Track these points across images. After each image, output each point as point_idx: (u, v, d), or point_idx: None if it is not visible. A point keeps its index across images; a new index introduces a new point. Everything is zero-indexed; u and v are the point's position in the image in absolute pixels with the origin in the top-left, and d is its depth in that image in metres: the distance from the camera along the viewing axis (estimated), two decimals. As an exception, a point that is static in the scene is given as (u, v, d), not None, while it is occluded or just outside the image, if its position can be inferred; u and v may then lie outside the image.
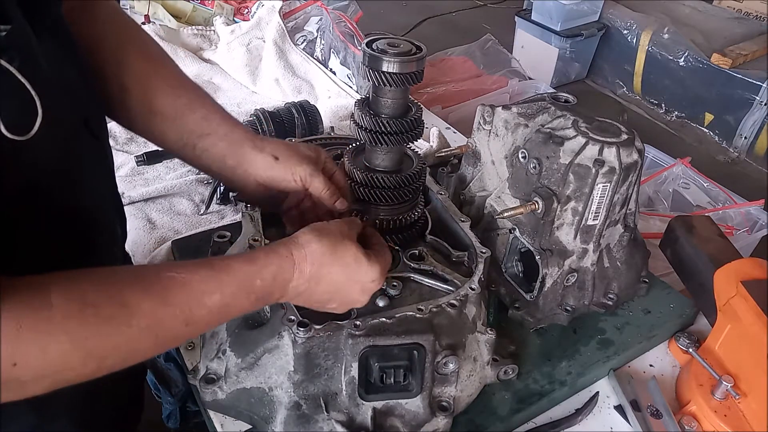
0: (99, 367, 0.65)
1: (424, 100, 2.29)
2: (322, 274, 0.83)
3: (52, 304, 0.61)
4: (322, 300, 0.86)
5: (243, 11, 2.35)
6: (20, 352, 0.58)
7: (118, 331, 0.65)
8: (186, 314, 0.70)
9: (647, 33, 4.26)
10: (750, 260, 1.15)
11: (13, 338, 0.58)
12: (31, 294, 0.61)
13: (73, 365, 0.63)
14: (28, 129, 0.63)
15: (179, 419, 1.72)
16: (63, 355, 0.61)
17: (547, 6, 4.35)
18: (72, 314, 0.62)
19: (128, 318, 0.66)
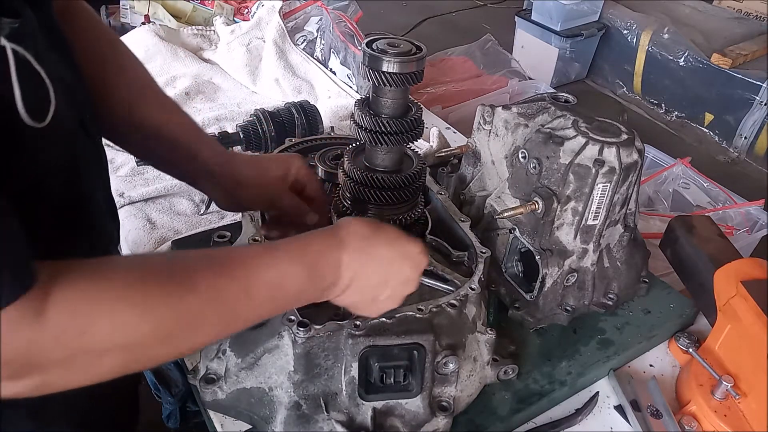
0: (168, 341, 0.65)
1: (424, 100, 2.29)
2: (369, 251, 0.81)
3: (114, 277, 0.62)
4: (376, 283, 0.83)
5: (243, 11, 2.35)
6: (88, 321, 0.59)
7: (182, 301, 0.65)
8: (245, 287, 0.70)
9: (647, 33, 4.26)
10: (750, 260, 1.15)
11: (79, 307, 0.59)
12: (93, 269, 0.62)
13: (143, 338, 0.63)
14: (43, 117, 0.64)
15: (179, 419, 1.72)
16: (131, 325, 0.61)
17: (547, 6, 4.35)
18: (135, 285, 0.63)
19: (191, 288, 0.66)
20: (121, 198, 1.46)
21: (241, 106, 1.90)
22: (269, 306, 0.76)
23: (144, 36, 2.07)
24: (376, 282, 0.83)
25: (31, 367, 0.58)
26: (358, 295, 0.83)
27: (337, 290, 0.81)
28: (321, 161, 1.25)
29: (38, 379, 0.59)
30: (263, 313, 0.76)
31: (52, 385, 0.61)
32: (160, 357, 0.68)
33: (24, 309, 0.55)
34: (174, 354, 0.68)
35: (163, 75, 2.00)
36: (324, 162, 1.25)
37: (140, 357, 0.65)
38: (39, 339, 0.57)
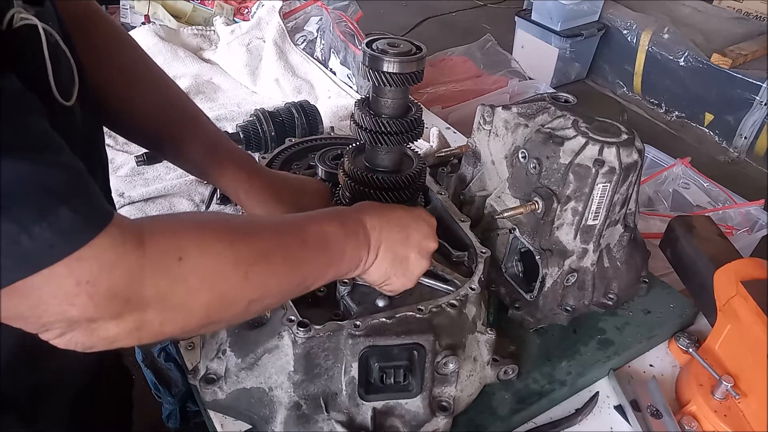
0: (248, 277, 0.68)
1: (424, 100, 2.29)
2: (385, 213, 0.90)
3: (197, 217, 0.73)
4: (401, 240, 0.88)
5: (243, 11, 2.35)
6: (182, 247, 0.62)
7: (254, 238, 0.71)
8: (298, 234, 0.77)
9: (647, 33, 4.26)
10: (750, 260, 1.15)
11: (173, 234, 0.63)
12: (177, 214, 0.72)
13: (227, 268, 0.66)
14: (69, 95, 0.69)
15: (179, 419, 1.72)
16: (217, 255, 0.65)
17: (547, 6, 4.34)
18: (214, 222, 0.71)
19: (258, 230, 0.74)
20: (121, 198, 1.46)
21: (241, 106, 1.90)
22: (322, 256, 0.80)
23: (144, 36, 2.07)
24: (400, 239, 0.88)
25: (133, 303, 0.59)
26: (389, 254, 0.87)
27: (372, 251, 0.86)
28: (321, 161, 1.25)
29: (138, 317, 0.60)
30: (320, 263, 0.80)
31: (148, 326, 0.62)
32: (240, 298, 0.69)
33: (120, 241, 0.58)
34: (250, 297, 0.70)
35: (163, 75, 2.00)
36: (324, 162, 1.25)
37: (225, 295, 0.67)
38: (140, 269, 0.59)
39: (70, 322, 0.58)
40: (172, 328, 0.65)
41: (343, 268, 0.84)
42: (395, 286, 0.92)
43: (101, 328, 0.59)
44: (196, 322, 0.66)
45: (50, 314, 0.56)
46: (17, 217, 0.52)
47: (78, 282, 0.55)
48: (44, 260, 0.54)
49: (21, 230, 0.52)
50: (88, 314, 0.57)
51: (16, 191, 0.52)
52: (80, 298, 0.56)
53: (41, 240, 0.53)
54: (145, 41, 2.05)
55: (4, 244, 0.52)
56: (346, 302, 0.98)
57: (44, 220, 0.53)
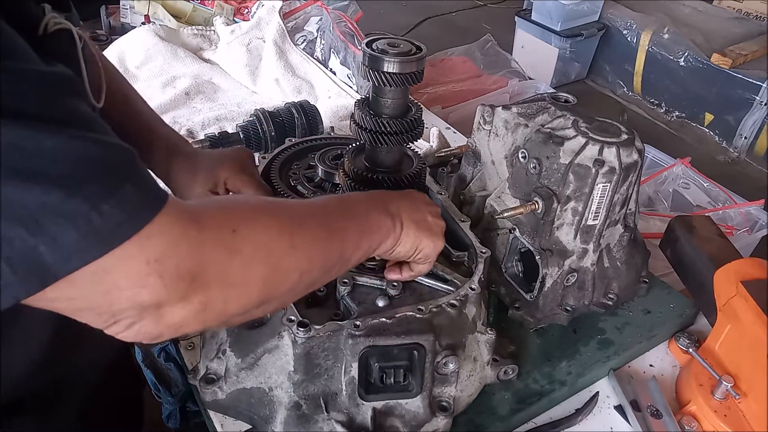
0: (294, 245, 0.69)
1: (424, 100, 2.29)
2: (388, 192, 0.94)
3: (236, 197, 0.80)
4: (413, 207, 0.91)
5: (243, 11, 2.35)
6: (233, 220, 0.64)
7: (293, 209, 0.75)
8: (331, 206, 0.81)
9: (647, 33, 4.26)
10: (750, 260, 1.15)
11: (222, 211, 0.65)
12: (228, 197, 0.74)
13: (275, 236, 0.68)
14: (100, 97, 0.72)
15: (179, 419, 1.71)
16: (264, 225, 0.67)
17: (547, 6, 4.34)
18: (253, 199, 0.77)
19: (292, 204, 0.78)
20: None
21: (241, 106, 1.90)
22: (356, 224, 0.82)
23: (144, 36, 2.07)
24: (411, 206, 0.91)
25: (198, 281, 0.59)
26: (412, 222, 0.89)
27: (397, 220, 0.87)
28: (321, 161, 1.25)
29: (203, 297, 0.61)
30: (354, 232, 0.81)
31: (212, 306, 0.62)
32: (292, 269, 0.70)
33: (181, 217, 0.58)
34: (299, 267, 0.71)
35: (163, 75, 2.00)
36: (324, 162, 1.25)
37: (277, 265, 0.68)
38: (202, 243, 0.60)
39: (141, 308, 0.57)
40: (235, 306, 0.65)
41: (375, 236, 0.84)
42: (428, 249, 0.92)
43: (169, 313, 0.59)
44: (256, 297, 0.67)
45: (122, 300, 0.56)
46: (87, 195, 0.52)
47: (148, 261, 0.55)
48: (116, 238, 0.53)
49: (91, 208, 0.52)
50: (159, 296, 0.57)
51: (83, 169, 0.52)
52: (151, 278, 0.56)
53: (111, 217, 0.53)
54: (145, 41, 2.05)
55: (78, 223, 0.51)
56: (346, 302, 0.98)
57: (112, 197, 0.53)
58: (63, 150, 0.52)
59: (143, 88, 1.96)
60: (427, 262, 0.94)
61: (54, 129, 0.52)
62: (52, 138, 0.51)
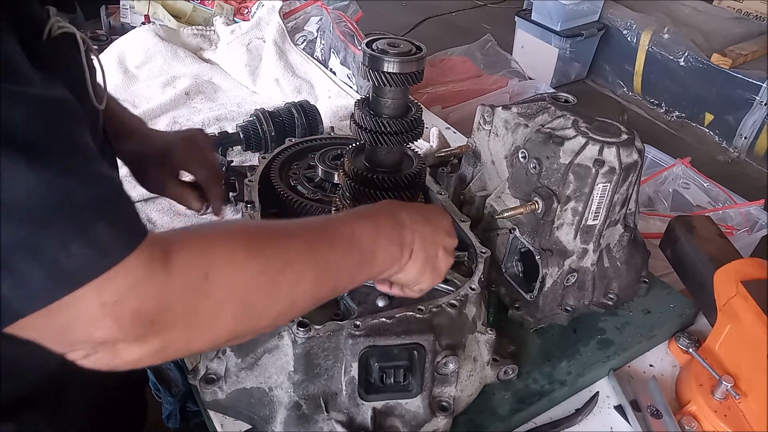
0: (275, 285, 0.67)
1: (424, 100, 2.29)
2: (410, 208, 0.87)
3: (224, 228, 0.69)
4: (431, 237, 0.86)
5: (243, 11, 2.35)
6: (208, 263, 0.61)
7: (281, 245, 0.69)
8: (329, 238, 0.75)
9: (647, 33, 4.26)
10: (750, 260, 1.15)
11: (200, 250, 0.61)
12: (201, 226, 0.68)
13: (254, 278, 0.65)
14: (101, 99, 0.73)
15: (179, 419, 1.72)
16: (244, 266, 0.64)
17: (547, 6, 4.34)
18: (244, 233, 0.68)
19: (285, 235, 0.71)
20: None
21: (241, 106, 1.90)
22: (353, 257, 0.77)
23: (144, 36, 2.07)
24: (430, 234, 0.86)
25: (158, 324, 0.58)
26: (422, 253, 0.84)
27: (405, 250, 0.83)
28: (321, 161, 1.25)
29: (164, 338, 0.59)
30: (349, 265, 0.77)
31: (174, 346, 0.61)
32: (268, 308, 0.68)
33: (149, 260, 0.56)
34: (278, 307, 0.68)
35: (163, 75, 2.00)
36: (324, 162, 1.25)
37: (253, 305, 0.65)
38: (167, 289, 0.57)
39: (95, 343, 0.57)
40: (200, 345, 0.64)
41: (376, 267, 0.81)
42: (425, 284, 0.89)
43: (125, 351, 0.58)
44: (224, 337, 0.65)
45: (76, 334, 0.56)
46: (58, 234, 0.52)
47: (104, 303, 0.54)
48: (81, 278, 0.53)
49: (60, 247, 0.52)
50: (113, 336, 0.56)
51: (60, 206, 0.52)
52: (105, 320, 0.55)
53: (79, 257, 0.52)
54: (145, 41, 2.05)
55: (45, 262, 0.51)
56: (346, 302, 0.98)
57: (83, 236, 0.53)
58: (44, 185, 0.51)
59: (143, 88, 1.96)
60: (418, 294, 0.91)
61: (39, 162, 0.51)
62: (34, 172, 0.51)
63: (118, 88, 1.94)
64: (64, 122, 0.56)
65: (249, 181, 1.18)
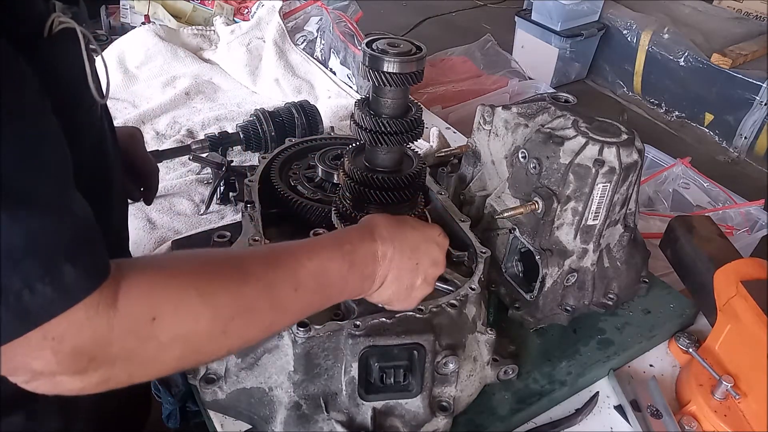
0: (225, 331, 0.66)
1: (424, 100, 2.29)
2: (399, 238, 0.84)
3: (179, 267, 0.65)
4: (410, 268, 0.85)
5: (243, 11, 2.35)
6: (156, 309, 0.60)
7: (239, 289, 0.67)
8: (293, 276, 0.73)
9: (647, 33, 4.26)
10: (750, 260, 1.15)
11: (149, 295, 0.60)
12: (159, 262, 0.65)
13: (204, 326, 0.64)
14: (103, 93, 0.74)
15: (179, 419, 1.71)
16: (194, 313, 0.63)
17: (547, 6, 4.34)
18: (199, 274, 0.65)
19: (246, 277, 0.68)
20: (121, 198, 1.46)
21: (241, 106, 1.90)
22: (317, 296, 0.77)
23: (144, 36, 2.07)
24: (409, 267, 0.85)
25: (98, 361, 0.58)
26: (395, 284, 0.84)
27: (377, 281, 0.83)
28: (321, 161, 1.25)
29: (104, 373, 0.59)
30: (313, 303, 0.77)
31: (115, 379, 0.61)
32: (217, 350, 0.68)
33: (97, 301, 0.56)
34: (228, 347, 0.69)
35: (163, 75, 2.00)
36: (324, 162, 1.25)
37: (200, 348, 0.66)
38: (110, 330, 0.57)
39: (34, 373, 0.57)
40: (142, 378, 0.64)
41: (342, 297, 0.83)
42: (396, 307, 0.90)
43: (65, 382, 0.59)
44: (168, 371, 0.66)
45: (15, 362, 0.56)
46: (25, 274, 0.52)
47: (44, 337, 0.54)
48: (42, 317, 0.53)
49: (25, 286, 0.52)
50: (50, 368, 0.56)
51: (28, 246, 0.52)
52: (44, 352, 0.55)
53: (42, 296, 0.53)
54: (145, 41, 2.05)
55: (10, 300, 0.52)
56: (346, 302, 0.98)
57: (48, 275, 0.53)
58: (16, 224, 0.51)
59: (143, 88, 1.96)
60: (392, 309, 0.91)
61: (15, 202, 0.52)
62: (8, 212, 0.51)
63: (118, 88, 1.94)
64: (43, 159, 0.56)
65: (249, 181, 1.18)
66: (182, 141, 1.70)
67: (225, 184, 1.47)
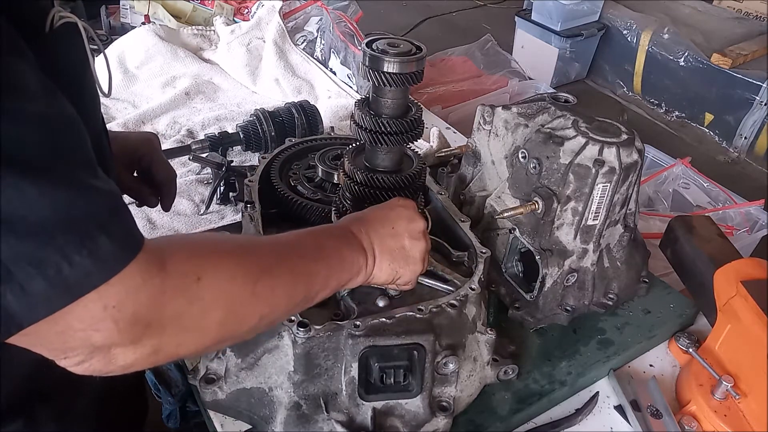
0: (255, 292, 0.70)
1: (424, 100, 2.29)
2: (364, 216, 0.91)
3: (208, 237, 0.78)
4: (390, 233, 0.89)
5: (243, 11, 2.35)
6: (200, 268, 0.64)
7: (260, 254, 0.74)
8: (298, 248, 0.80)
9: (647, 33, 4.26)
10: (750, 260, 1.15)
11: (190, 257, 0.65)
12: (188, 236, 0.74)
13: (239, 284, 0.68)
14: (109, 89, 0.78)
15: (179, 419, 1.72)
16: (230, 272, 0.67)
17: (547, 6, 4.34)
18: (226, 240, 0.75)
19: (261, 249, 0.76)
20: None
21: (241, 106, 1.90)
22: (321, 268, 0.81)
23: (144, 36, 2.07)
24: (387, 233, 0.90)
25: (153, 327, 0.60)
26: (387, 252, 0.89)
27: (369, 256, 0.87)
28: (321, 161, 1.25)
29: (156, 341, 0.61)
30: (317, 278, 0.81)
31: (165, 349, 0.63)
32: (250, 314, 0.71)
33: (147, 265, 0.58)
34: (260, 312, 0.72)
35: (163, 75, 2.00)
36: (324, 162, 1.25)
37: (236, 310, 0.69)
38: (162, 292, 0.60)
39: (93, 348, 0.58)
40: (187, 349, 0.66)
41: (345, 275, 0.85)
42: (406, 277, 0.92)
43: (119, 355, 0.60)
44: (211, 341, 0.68)
45: (75, 339, 0.57)
46: (60, 246, 0.53)
47: (105, 306, 0.56)
48: (83, 288, 0.54)
49: (63, 259, 0.53)
50: (111, 340, 0.58)
51: (59, 219, 0.53)
52: (105, 323, 0.56)
53: (81, 268, 0.54)
54: (145, 41, 2.05)
55: (47, 273, 0.52)
56: (346, 302, 0.98)
57: (84, 248, 0.54)
58: (44, 198, 0.52)
59: (143, 88, 1.96)
60: (408, 285, 0.95)
61: (41, 177, 0.52)
62: (36, 186, 0.52)
63: (118, 88, 1.94)
64: (65, 137, 0.57)
65: (249, 181, 1.18)
66: (182, 141, 1.70)
67: (225, 184, 1.47)
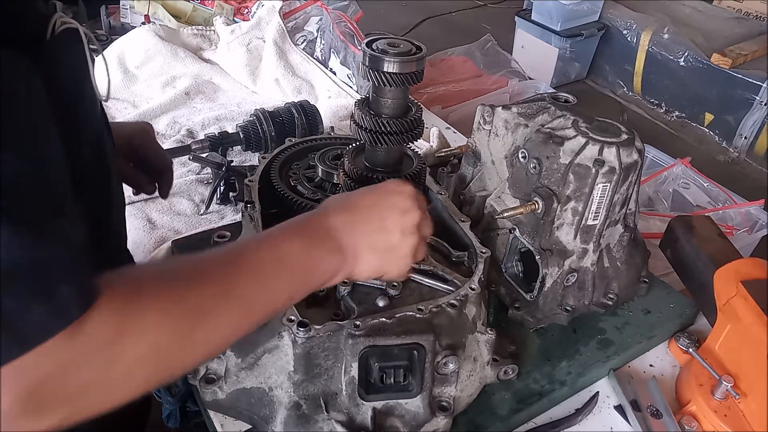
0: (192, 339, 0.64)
1: (424, 100, 2.29)
2: (349, 205, 0.82)
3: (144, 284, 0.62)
4: (377, 228, 0.81)
5: (243, 11, 2.35)
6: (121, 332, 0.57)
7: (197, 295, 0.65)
8: (251, 270, 0.71)
9: (647, 33, 4.26)
10: (750, 260, 1.15)
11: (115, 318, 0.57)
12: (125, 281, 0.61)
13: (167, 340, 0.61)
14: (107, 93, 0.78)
15: (179, 419, 1.71)
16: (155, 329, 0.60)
17: (547, 6, 4.34)
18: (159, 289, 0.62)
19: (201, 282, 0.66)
20: (121, 198, 1.46)
21: (241, 106, 1.90)
22: (286, 282, 0.74)
23: (144, 36, 2.07)
24: (376, 227, 0.81)
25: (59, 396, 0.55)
26: (373, 252, 0.81)
27: (349, 254, 0.79)
28: (321, 161, 1.25)
29: (66, 409, 0.57)
30: (285, 290, 0.74)
31: (81, 414, 0.58)
32: (189, 359, 0.67)
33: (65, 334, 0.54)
34: (202, 354, 0.67)
35: (163, 75, 2.00)
36: (324, 162, 1.25)
37: (169, 367, 0.64)
38: (77, 357, 0.55)
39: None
40: (110, 405, 0.60)
41: (317, 281, 0.78)
42: (393, 274, 0.85)
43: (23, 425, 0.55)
44: (140, 392, 0.62)
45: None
46: (19, 295, 0.51)
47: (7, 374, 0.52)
48: (37, 339, 0.52)
49: (19, 308, 0.51)
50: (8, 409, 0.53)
51: (18, 268, 0.51)
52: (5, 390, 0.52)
53: (37, 316, 0.52)
54: (145, 41, 2.05)
55: (5, 324, 0.50)
56: (346, 302, 0.98)
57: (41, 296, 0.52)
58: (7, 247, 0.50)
59: (143, 88, 1.96)
60: (396, 280, 0.88)
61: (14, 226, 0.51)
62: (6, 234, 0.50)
63: (118, 88, 1.94)
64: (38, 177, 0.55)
65: (249, 181, 1.18)
66: (182, 141, 1.70)
67: (225, 184, 1.47)
